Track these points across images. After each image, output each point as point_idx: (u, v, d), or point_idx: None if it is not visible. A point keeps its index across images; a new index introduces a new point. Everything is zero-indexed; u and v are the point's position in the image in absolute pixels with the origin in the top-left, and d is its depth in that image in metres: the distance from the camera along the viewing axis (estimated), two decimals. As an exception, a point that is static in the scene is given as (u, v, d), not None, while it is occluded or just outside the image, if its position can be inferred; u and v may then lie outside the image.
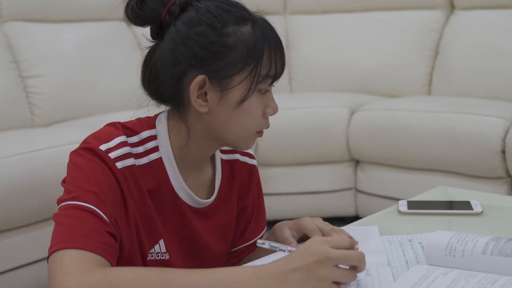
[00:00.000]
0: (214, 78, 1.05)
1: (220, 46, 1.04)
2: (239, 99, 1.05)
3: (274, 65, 1.07)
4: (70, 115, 2.88)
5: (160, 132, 1.11)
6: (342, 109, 2.94)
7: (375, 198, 2.87)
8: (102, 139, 1.05)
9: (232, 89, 1.05)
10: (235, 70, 1.04)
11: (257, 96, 1.08)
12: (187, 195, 1.13)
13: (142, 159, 1.08)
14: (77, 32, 3.02)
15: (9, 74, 2.78)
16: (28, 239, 2.14)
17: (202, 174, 1.18)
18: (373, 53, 3.34)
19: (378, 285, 0.91)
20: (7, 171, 2.08)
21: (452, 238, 0.95)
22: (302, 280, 0.85)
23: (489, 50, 3.02)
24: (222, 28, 1.04)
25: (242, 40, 1.04)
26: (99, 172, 1.01)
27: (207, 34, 1.04)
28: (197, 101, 1.06)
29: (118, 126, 1.09)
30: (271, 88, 1.11)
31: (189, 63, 1.05)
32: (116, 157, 1.03)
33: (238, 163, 1.24)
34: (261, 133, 1.13)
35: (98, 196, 0.99)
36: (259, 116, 1.09)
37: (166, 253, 1.12)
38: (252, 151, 1.28)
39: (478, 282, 0.85)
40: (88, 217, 0.97)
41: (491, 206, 1.31)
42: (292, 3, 3.54)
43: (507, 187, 2.54)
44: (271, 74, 1.07)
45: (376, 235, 1.14)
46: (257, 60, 1.05)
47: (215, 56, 1.04)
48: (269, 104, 1.11)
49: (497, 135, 2.49)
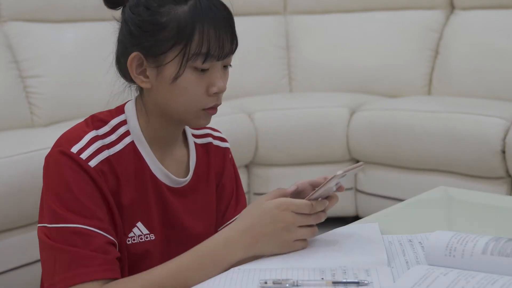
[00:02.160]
0: (148, 55, 1.11)
1: (151, 24, 1.09)
2: (173, 76, 1.09)
3: (206, 43, 1.08)
4: (70, 115, 2.88)
5: (129, 116, 1.17)
6: (342, 109, 2.94)
7: (375, 198, 2.87)
8: (73, 139, 1.11)
9: (166, 66, 1.10)
10: (166, 47, 1.09)
11: (193, 73, 1.10)
12: (163, 174, 1.18)
13: (116, 146, 1.14)
14: (77, 32, 3.02)
15: (9, 74, 2.78)
16: (28, 239, 2.14)
17: (176, 155, 1.22)
18: (373, 53, 3.34)
19: (378, 285, 0.91)
20: (7, 171, 2.08)
21: (452, 238, 0.95)
22: (269, 245, 1.03)
23: (489, 50, 3.02)
24: (157, 8, 1.09)
25: (175, 19, 1.08)
26: (78, 180, 1.08)
27: (141, 13, 1.10)
28: (137, 77, 1.13)
29: (88, 121, 1.15)
30: (218, 67, 1.12)
31: (127, 41, 1.13)
32: (88, 156, 1.10)
33: (212, 146, 1.29)
34: (211, 110, 1.14)
35: (84, 209, 1.07)
36: (198, 93, 1.11)
37: (150, 234, 1.17)
38: (224, 135, 1.34)
39: (478, 282, 0.85)
40: (81, 240, 1.05)
41: (491, 206, 1.31)
42: (292, 3, 3.54)
43: (507, 187, 2.54)
44: (202, 52, 1.08)
45: (376, 232, 1.14)
46: (187, 38, 1.08)
47: (147, 34, 1.10)
48: (213, 83, 1.12)
49: (497, 135, 2.49)
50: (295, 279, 0.93)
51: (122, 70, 1.18)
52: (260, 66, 3.42)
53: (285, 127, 2.91)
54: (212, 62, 1.10)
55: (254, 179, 2.96)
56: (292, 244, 1.05)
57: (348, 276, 0.94)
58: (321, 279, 0.94)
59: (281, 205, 1.04)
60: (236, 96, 3.16)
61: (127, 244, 1.15)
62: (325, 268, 0.98)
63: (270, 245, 1.04)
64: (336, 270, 0.97)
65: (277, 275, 0.96)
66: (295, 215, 1.03)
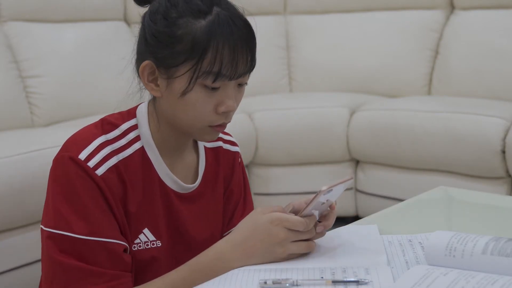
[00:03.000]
0: (160, 65, 1.09)
1: (167, 35, 1.07)
2: (182, 90, 1.07)
3: (219, 62, 1.05)
4: (70, 115, 2.88)
5: (140, 120, 1.16)
6: (342, 109, 2.94)
7: (375, 198, 2.87)
8: (81, 144, 1.09)
9: (176, 79, 1.08)
10: (179, 61, 1.06)
11: (202, 91, 1.07)
12: (172, 180, 1.17)
13: (126, 151, 1.13)
14: (77, 32, 3.02)
15: (9, 74, 2.78)
16: (28, 239, 2.14)
17: (185, 160, 1.21)
18: (373, 53, 3.34)
19: (378, 284, 0.91)
20: (7, 171, 2.08)
21: (452, 238, 0.95)
22: (263, 258, 1.03)
23: (489, 50, 3.02)
24: (175, 19, 1.06)
25: (191, 33, 1.05)
26: (87, 187, 1.07)
27: (158, 22, 1.08)
28: (148, 84, 1.12)
29: (97, 125, 1.14)
30: (230, 86, 1.09)
31: (142, 47, 1.11)
32: (96, 163, 1.08)
33: (222, 150, 1.28)
34: (219, 128, 1.12)
35: (92, 216, 1.06)
36: (206, 110, 1.09)
37: (157, 240, 1.16)
38: (235, 139, 1.33)
39: (478, 282, 0.85)
40: (88, 252, 1.05)
41: (491, 206, 1.31)
42: (292, 3, 3.54)
43: (507, 187, 2.54)
44: (214, 71, 1.05)
45: (375, 234, 1.14)
46: (200, 55, 1.05)
47: (161, 44, 1.07)
48: (223, 101, 1.09)
49: (497, 135, 2.49)
50: (294, 278, 0.93)
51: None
52: (260, 66, 3.36)
53: (285, 127, 2.91)
54: (224, 82, 1.07)
55: (254, 179, 2.96)
56: (286, 257, 1.04)
57: (347, 275, 0.94)
58: (320, 279, 0.94)
59: (274, 220, 1.03)
60: (236, 96, 3.16)
61: (133, 250, 1.13)
62: (325, 268, 0.98)
63: (264, 258, 1.03)
64: (336, 269, 0.97)
65: (277, 275, 0.96)
66: (287, 231, 1.02)
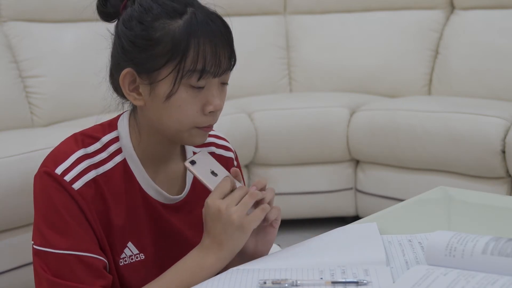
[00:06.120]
0: (141, 71, 1.07)
1: (144, 39, 1.05)
2: (167, 94, 1.05)
3: (202, 59, 1.03)
4: (70, 115, 2.88)
5: (121, 132, 1.14)
6: (342, 109, 2.94)
7: (375, 198, 2.87)
8: (59, 158, 1.08)
9: (159, 83, 1.06)
10: (160, 64, 1.05)
11: (187, 91, 1.05)
12: (156, 191, 1.15)
13: (107, 164, 1.11)
14: (77, 32, 3.02)
15: (9, 74, 2.78)
16: (28, 239, 2.13)
17: (171, 170, 1.18)
18: (373, 53, 3.34)
19: (377, 285, 0.91)
20: (7, 171, 2.08)
21: (452, 238, 0.95)
22: (234, 242, 1.03)
23: (489, 50, 3.02)
24: (150, 22, 1.05)
25: (169, 34, 1.04)
26: (64, 201, 1.05)
27: (134, 28, 1.06)
28: (130, 94, 1.09)
29: (77, 138, 1.11)
30: (215, 84, 1.08)
31: (120, 56, 1.08)
32: (72, 178, 1.06)
33: (214, 156, 1.23)
34: (206, 129, 1.11)
35: (71, 231, 1.05)
36: (193, 112, 1.07)
37: (140, 253, 1.14)
38: (229, 144, 1.30)
39: (478, 282, 0.85)
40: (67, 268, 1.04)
41: (491, 206, 1.31)
42: (292, 3, 3.54)
43: (507, 187, 2.54)
44: (198, 69, 1.04)
45: (375, 232, 1.13)
46: (182, 54, 1.03)
47: (140, 49, 1.06)
48: (209, 101, 1.07)
49: (497, 135, 2.49)
50: (294, 279, 0.93)
51: (115, 85, 1.14)
52: (260, 66, 3.42)
53: (285, 127, 2.91)
54: (208, 79, 1.06)
55: (254, 179, 2.96)
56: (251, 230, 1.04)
57: (347, 275, 0.94)
58: (320, 279, 0.93)
59: (224, 207, 1.03)
60: (236, 96, 3.16)
61: (120, 266, 1.12)
62: (324, 268, 0.98)
63: (235, 241, 1.03)
64: (335, 270, 0.97)
65: (276, 275, 0.96)
66: (236, 208, 1.03)
